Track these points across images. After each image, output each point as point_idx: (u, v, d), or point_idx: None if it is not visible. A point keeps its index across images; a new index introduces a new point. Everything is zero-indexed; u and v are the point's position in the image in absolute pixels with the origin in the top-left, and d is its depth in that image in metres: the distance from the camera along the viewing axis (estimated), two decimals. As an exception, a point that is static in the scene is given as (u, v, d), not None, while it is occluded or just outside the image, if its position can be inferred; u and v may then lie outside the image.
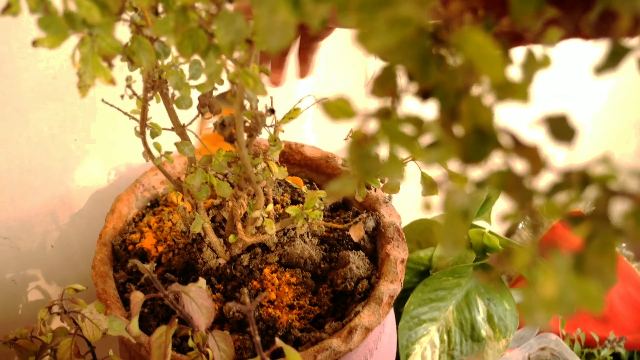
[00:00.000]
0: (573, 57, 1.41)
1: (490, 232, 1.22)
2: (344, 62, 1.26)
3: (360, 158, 0.33)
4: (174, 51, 0.69)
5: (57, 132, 1.04)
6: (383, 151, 0.36)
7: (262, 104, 0.75)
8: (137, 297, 0.77)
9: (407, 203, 1.45)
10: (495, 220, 1.34)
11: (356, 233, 0.96)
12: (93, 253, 0.98)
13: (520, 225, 1.54)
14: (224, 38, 0.47)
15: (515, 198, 0.31)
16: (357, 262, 0.94)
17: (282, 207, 1.05)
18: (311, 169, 1.11)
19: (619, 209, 0.31)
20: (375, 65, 1.27)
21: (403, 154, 0.35)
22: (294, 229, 0.98)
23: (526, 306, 0.30)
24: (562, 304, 0.29)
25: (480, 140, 0.32)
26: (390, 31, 0.30)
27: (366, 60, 1.27)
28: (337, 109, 0.35)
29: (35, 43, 0.53)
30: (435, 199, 0.88)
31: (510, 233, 1.57)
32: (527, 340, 1.27)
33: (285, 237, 0.98)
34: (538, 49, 0.38)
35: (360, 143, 0.34)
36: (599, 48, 0.35)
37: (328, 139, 1.30)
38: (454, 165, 0.33)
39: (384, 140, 0.34)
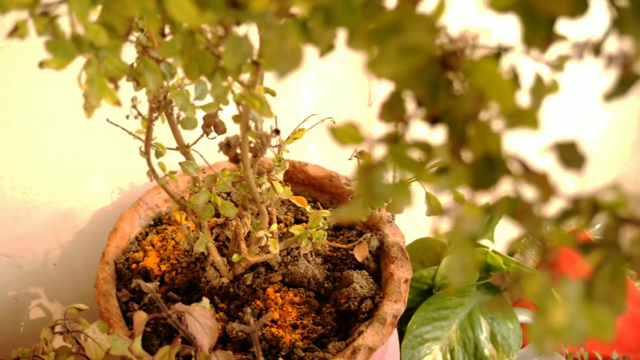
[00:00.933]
0: (574, 79, 1.42)
1: (493, 251, 1.21)
2: (347, 81, 1.26)
3: (370, 184, 0.33)
4: (179, 72, 0.69)
5: (61, 151, 1.04)
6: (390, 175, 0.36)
7: (267, 124, 0.76)
8: (140, 317, 0.77)
9: (411, 222, 1.45)
10: (499, 239, 1.34)
11: (360, 253, 0.95)
12: (96, 272, 0.98)
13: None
14: (231, 61, 0.47)
15: (525, 225, 0.31)
16: (360, 282, 0.94)
17: (286, 226, 1.05)
18: (315, 187, 1.12)
19: (628, 236, 0.31)
20: (380, 85, 1.27)
21: (408, 175, 0.36)
22: (297, 248, 0.98)
23: (536, 335, 0.30)
24: (572, 332, 0.29)
25: (489, 167, 0.32)
26: (400, 58, 0.30)
27: (369, 80, 1.27)
28: (345, 134, 0.35)
29: (41, 64, 0.53)
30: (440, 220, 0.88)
31: (512, 252, 1.56)
32: (531, 359, 1.26)
33: (289, 257, 0.98)
34: (546, 74, 0.38)
35: (369, 169, 0.34)
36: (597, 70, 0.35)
37: (332, 158, 1.30)
38: (462, 191, 0.33)
39: (392, 165, 0.34)
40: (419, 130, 0.37)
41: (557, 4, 0.28)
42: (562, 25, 0.36)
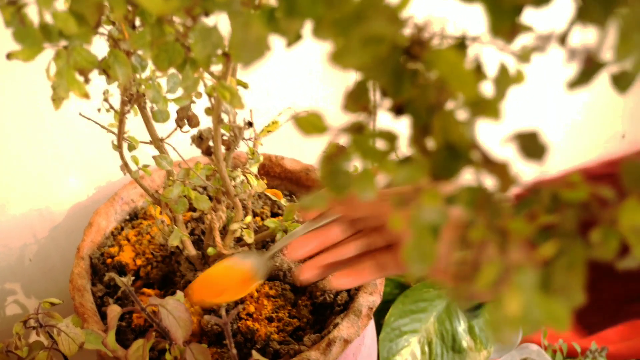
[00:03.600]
0: (547, 69, 1.42)
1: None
2: (326, 73, 1.26)
3: (332, 173, 0.33)
4: (151, 65, 0.68)
5: (35, 145, 1.03)
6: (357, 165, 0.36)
7: (242, 117, 0.75)
8: (114, 311, 0.77)
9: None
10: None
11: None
12: (72, 267, 0.97)
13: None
14: (201, 51, 0.47)
15: (484, 214, 0.31)
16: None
17: (262, 219, 1.04)
18: (291, 181, 1.11)
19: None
20: (355, 76, 1.27)
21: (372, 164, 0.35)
22: (273, 241, 0.98)
23: (492, 323, 0.30)
24: (526, 322, 0.29)
25: (452, 157, 0.32)
26: (364, 48, 0.30)
27: (349, 72, 1.27)
28: (309, 124, 0.35)
29: (9, 56, 0.52)
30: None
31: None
32: (509, 351, 1.27)
33: (265, 250, 0.97)
34: (511, 63, 0.38)
35: (332, 158, 0.34)
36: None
37: (309, 151, 1.30)
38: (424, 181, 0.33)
39: (356, 155, 0.34)
40: (385, 120, 0.37)
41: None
42: (529, 16, 0.36)
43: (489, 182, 0.32)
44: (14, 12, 0.48)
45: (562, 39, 0.35)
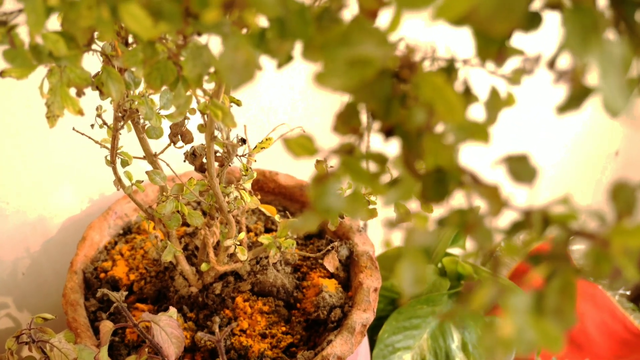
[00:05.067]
0: (542, 88, 1.42)
1: (464, 260, 1.22)
2: (321, 90, 1.26)
3: (321, 195, 0.33)
4: (144, 81, 0.68)
5: (29, 159, 1.03)
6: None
7: (236, 133, 0.75)
8: (106, 326, 0.77)
9: (381, 232, 1.45)
10: (471, 247, 1.34)
11: (331, 263, 0.95)
12: (65, 281, 0.97)
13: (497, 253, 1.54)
14: (192, 70, 0.47)
15: (475, 237, 0.31)
16: (330, 291, 0.94)
17: (256, 235, 1.04)
18: (285, 197, 1.11)
19: (578, 248, 0.31)
20: (347, 99, 1.27)
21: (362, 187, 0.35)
22: (266, 257, 0.98)
23: (485, 345, 0.30)
24: (520, 343, 0.29)
25: (441, 179, 0.32)
26: (349, 71, 0.30)
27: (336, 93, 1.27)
28: (298, 146, 0.35)
29: (2, 73, 0.52)
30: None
31: (485, 262, 1.57)
32: (502, 368, 1.27)
33: (258, 266, 0.97)
34: (502, 87, 0.38)
35: (322, 180, 0.34)
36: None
37: (303, 167, 1.30)
38: (415, 204, 0.33)
39: (346, 177, 0.34)
40: (375, 142, 0.37)
41: (502, 23, 0.28)
42: (519, 40, 0.36)
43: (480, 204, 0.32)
44: (4, 32, 0.48)
45: (551, 63, 0.36)
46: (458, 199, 0.33)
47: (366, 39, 0.30)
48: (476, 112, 0.34)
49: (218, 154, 0.74)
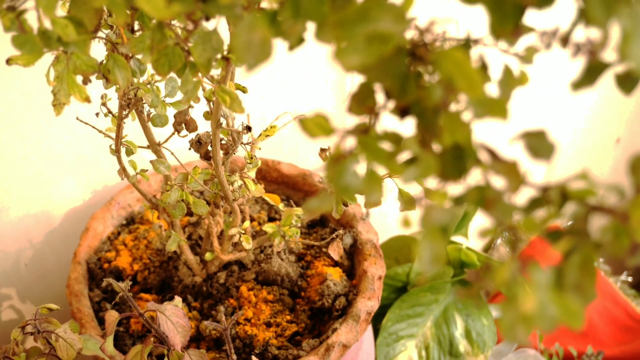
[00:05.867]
0: (555, 71, 1.42)
1: (467, 248, 1.22)
2: (323, 78, 1.26)
3: (339, 175, 0.33)
4: (149, 69, 0.68)
5: (31, 150, 1.03)
6: (362, 168, 0.36)
7: (239, 121, 0.75)
8: (112, 316, 0.77)
9: (385, 220, 1.45)
10: (474, 236, 1.34)
11: (336, 251, 0.95)
12: (68, 272, 0.97)
13: (498, 241, 1.55)
14: (201, 55, 0.47)
15: (493, 214, 0.31)
16: (334, 279, 0.94)
17: (259, 224, 1.04)
18: (288, 186, 1.11)
19: (597, 224, 0.31)
20: (354, 81, 1.27)
21: (381, 170, 0.35)
22: (270, 246, 0.98)
23: (506, 322, 0.30)
24: (542, 319, 0.29)
25: (459, 157, 0.32)
26: (368, 48, 0.30)
27: (345, 76, 1.27)
28: (315, 125, 0.34)
29: (9, 61, 0.52)
30: (414, 214, 0.88)
31: (487, 249, 1.57)
32: (506, 355, 1.27)
33: (262, 255, 0.97)
34: (515, 66, 0.38)
35: (339, 160, 0.34)
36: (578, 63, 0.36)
37: (305, 156, 1.30)
38: (432, 182, 0.33)
39: (363, 157, 0.34)
40: (390, 122, 0.37)
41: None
42: (531, 17, 0.36)
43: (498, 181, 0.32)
44: (14, 18, 0.47)
45: (565, 40, 0.35)
46: (474, 177, 0.33)
47: (384, 15, 0.30)
48: (490, 91, 0.34)
49: (223, 142, 0.73)
